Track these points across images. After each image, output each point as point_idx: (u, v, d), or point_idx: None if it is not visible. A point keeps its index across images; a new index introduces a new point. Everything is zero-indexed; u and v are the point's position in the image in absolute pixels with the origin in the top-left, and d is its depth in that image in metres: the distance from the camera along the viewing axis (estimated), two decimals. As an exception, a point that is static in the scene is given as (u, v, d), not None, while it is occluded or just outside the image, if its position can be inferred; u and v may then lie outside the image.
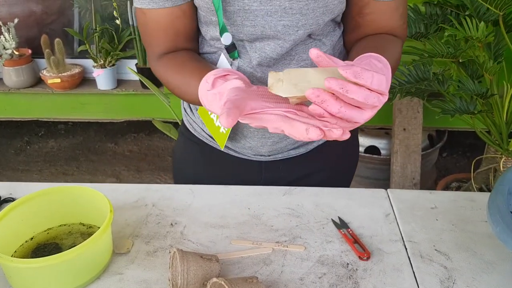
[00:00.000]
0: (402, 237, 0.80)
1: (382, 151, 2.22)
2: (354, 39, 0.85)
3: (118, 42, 2.29)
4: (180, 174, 1.07)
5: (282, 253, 0.76)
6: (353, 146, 1.06)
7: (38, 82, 2.43)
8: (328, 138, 0.56)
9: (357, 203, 0.89)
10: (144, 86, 2.30)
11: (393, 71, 0.72)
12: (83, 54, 2.39)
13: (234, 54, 0.81)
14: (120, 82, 2.42)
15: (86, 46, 2.26)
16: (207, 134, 0.95)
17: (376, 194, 0.92)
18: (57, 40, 2.26)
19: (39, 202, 0.77)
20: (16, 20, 2.29)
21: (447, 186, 2.08)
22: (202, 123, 0.95)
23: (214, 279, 0.62)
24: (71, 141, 2.99)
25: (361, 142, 2.24)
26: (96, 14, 2.32)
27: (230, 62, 0.82)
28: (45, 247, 0.76)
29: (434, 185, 2.32)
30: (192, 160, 1.02)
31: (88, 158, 2.83)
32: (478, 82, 1.46)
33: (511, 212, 0.67)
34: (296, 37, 0.78)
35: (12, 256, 0.73)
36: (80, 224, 0.80)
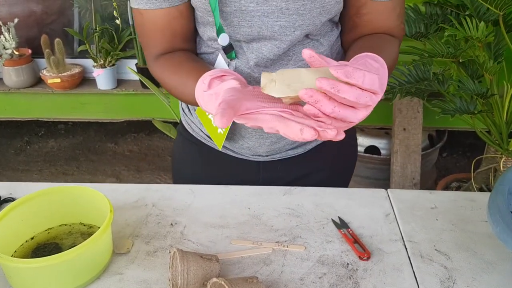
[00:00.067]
0: (402, 237, 0.80)
1: (382, 151, 2.21)
2: (352, 39, 0.85)
3: (118, 42, 2.29)
4: (178, 174, 1.07)
5: (282, 253, 0.76)
6: (351, 146, 1.06)
7: (38, 82, 2.43)
8: (322, 138, 0.56)
9: (357, 203, 0.89)
10: (144, 86, 2.30)
11: (390, 71, 0.72)
12: (83, 54, 2.38)
13: (232, 54, 0.81)
14: (120, 82, 2.42)
15: (86, 46, 2.26)
16: (205, 134, 0.95)
17: (376, 194, 0.91)
18: (57, 40, 2.26)
19: (39, 202, 0.77)
20: (16, 20, 2.29)
21: (447, 186, 2.08)
22: (200, 123, 0.95)
23: (214, 279, 0.62)
24: (71, 141, 2.99)
25: (361, 142, 2.24)
26: (96, 14, 2.32)
27: (228, 62, 0.82)
28: (45, 247, 0.76)
29: (434, 185, 2.32)
30: (190, 160, 1.02)
31: (88, 158, 2.83)
32: (478, 82, 1.46)
33: (511, 212, 0.67)
34: (293, 37, 0.78)
35: (12, 256, 0.73)
36: (80, 224, 0.80)
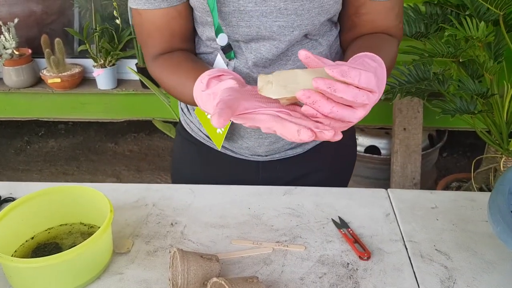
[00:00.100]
0: (403, 237, 0.80)
1: (382, 151, 2.21)
2: (350, 39, 0.85)
3: (118, 42, 2.29)
4: (177, 174, 1.07)
5: (282, 253, 0.76)
6: (350, 146, 1.06)
7: (38, 82, 2.43)
8: (319, 139, 0.56)
9: (357, 203, 0.88)
10: (144, 86, 2.30)
11: (388, 70, 0.72)
12: (83, 54, 2.38)
13: (230, 54, 0.80)
14: (120, 82, 2.42)
15: (86, 45, 2.25)
16: (204, 134, 0.95)
17: (376, 194, 0.91)
18: (57, 40, 2.26)
19: (39, 202, 0.77)
20: (16, 20, 2.29)
21: (447, 186, 2.08)
22: (199, 123, 0.95)
23: (215, 279, 0.62)
24: (71, 141, 2.99)
25: (361, 142, 2.24)
26: (96, 14, 2.32)
27: (227, 62, 0.82)
28: (45, 247, 0.76)
29: (434, 185, 2.32)
30: (189, 160, 1.02)
31: (88, 158, 2.83)
32: (478, 82, 1.46)
33: (512, 212, 0.67)
34: (291, 37, 0.78)
35: (12, 255, 0.73)
36: (80, 224, 0.80)
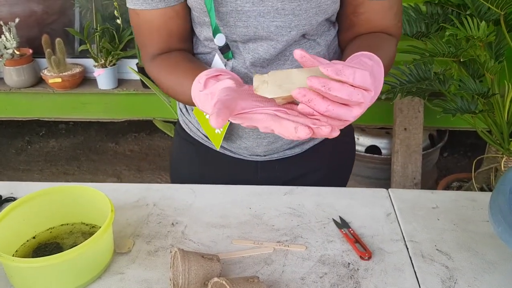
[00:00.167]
0: (403, 236, 0.80)
1: (383, 151, 2.21)
2: (349, 38, 0.85)
3: (119, 42, 2.29)
4: (176, 174, 1.07)
5: (283, 252, 0.76)
6: (348, 143, 1.06)
7: (39, 81, 2.43)
8: (317, 136, 0.56)
9: (358, 203, 0.88)
10: (145, 86, 2.30)
11: (387, 69, 0.72)
12: (84, 54, 2.38)
13: (228, 54, 0.80)
14: (121, 82, 2.42)
15: (87, 45, 2.26)
16: (203, 134, 0.95)
17: (377, 194, 0.91)
18: (58, 39, 2.26)
19: (40, 201, 0.77)
20: (17, 19, 2.29)
21: (448, 186, 2.08)
22: (198, 123, 0.95)
23: (215, 279, 0.62)
24: (72, 140, 3.00)
25: (361, 142, 2.24)
26: (97, 14, 2.32)
27: (225, 62, 0.82)
28: (46, 247, 0.76)
29: (435, 185, 2.32)
30: (188, 160, 1.02)
31: (89, 158, 2.83)
32: (479, 81, 1.46)
33: (513, 211, 0.66)
34: (289, 37, 0.78)
35: (13, 255, 0.73)
36: (81, 223, 0.80)
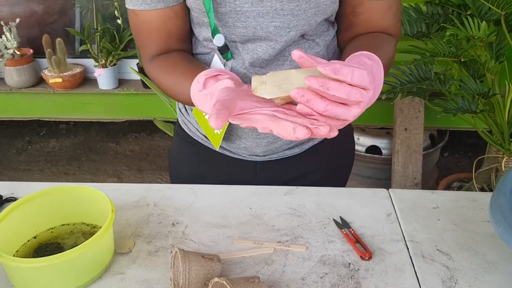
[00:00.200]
0: (404, 237, 0.80)
1: (384, 151, 2.21)
2: (348, 38, 0.85)
3: (119, 42, 2.29)
4: (175, 174, 1.07)
5: (283, 253, 0.76)
6: (347, 143, 1.06)
7: (40, 81, 2.43)
8: (315, 136, 0.56)
9: (358, 203, 0.88)
10: (145, 86, 2.30)
11: (386, 69, 0.72)
12: (85, 54, 2.38)
13: (227, 55, 0.81)
14: (121, 82, 2.42)
15: (87, 45, 2.26)
16: (202, 134, 0.95)
17: (377, 194, 0.91)
18: (58, 39, 2.26)
19: (41, 201, 0.77)
20: (17, 20, 2.29)
21: (449, 186, 2.08)
22: (197, 124, 0.95)
23: (216, 279, 0.62)
24: (73, 140, 3.00)
25: (362, 142, 2.24)
26: (97, 14, 2.32)
27: (224, 63, 0.82)
28: (47, 247, 0.76)
29: (436, 185, 2.32)
30: (187, 160, 1.02)
31: (89, 158, 2.83)
32: (479, 81, 1.46)
33: (513, 212, 0.66)
34: (287, 38, 0.78)
35: (14, 255, 0.73)
36: (82, 223, 0.80)
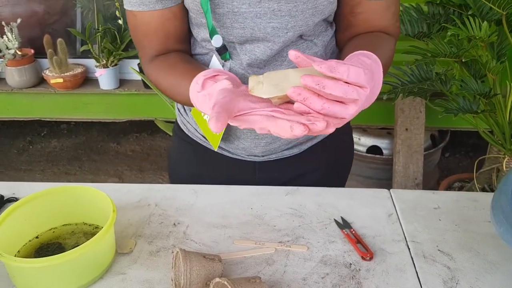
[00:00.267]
0: (405, 237, 0.80)
1: (384, 151, 2.21)
2: (347, 38, 0.85)
3: (120, 42, 2.29)
4: (174, 174, 1.07)
5: (284, 253, 0.76)
6: (347, 144, 1.06)
7: (41, 82, 2.44)
8: (313, 132, 0.56)
9: (359, 203, 0.88)
10: (146, 86, 2.30)
11: (385, 68, 0.72)
12: (86, 54, 2.39)
13: (226, 55, 0.81)
14: (122, 82, 2.42)
15: (88, 46, 2.26)
16: (201, 134, 0.95)
17: (378, 194, 0.91)
18: (59, 40, 2.26)
19: (42, 202, 0.77)
20: (18, 20, 2.29)
21: (450, 186, 2.07)
22: (196, 124, 0.95)
23: (217, 279, 0.62)
24: (74, 141, 3.00)
25: (363, 142, 2.24)
26: (98, 14, 2.32)
27: (222, 63, 0.82)
28: (48, 247, 0.76)
29: (437, 185, 2.32)
30: (186, 160, 1.02)
31: (90, 158, 2.83)
32: (481, 81, 1.46)
33: (515, 212, 0.66)
34: (285, 39, 0.78)
35: (15, 255, 0.73)
36: (83, 224, 0.80)
